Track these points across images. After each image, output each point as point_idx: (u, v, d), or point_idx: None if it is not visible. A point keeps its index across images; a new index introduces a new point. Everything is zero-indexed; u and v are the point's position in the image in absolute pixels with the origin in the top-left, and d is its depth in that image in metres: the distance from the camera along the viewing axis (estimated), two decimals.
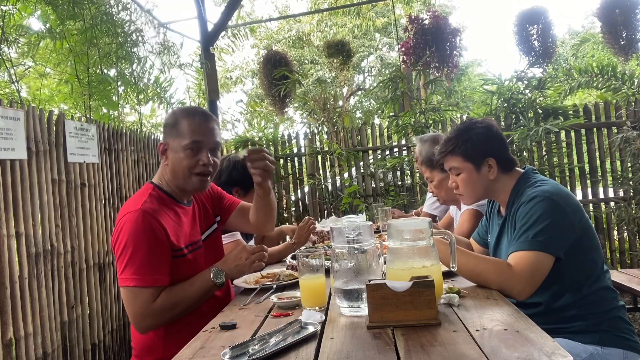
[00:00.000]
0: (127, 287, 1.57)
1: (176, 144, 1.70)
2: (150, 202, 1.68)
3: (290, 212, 5.56)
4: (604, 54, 12.86)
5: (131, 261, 1.57)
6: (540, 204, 1.57)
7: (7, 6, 3.63)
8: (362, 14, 11.09)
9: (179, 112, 1.77)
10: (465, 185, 1.80)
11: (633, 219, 4.74)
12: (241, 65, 13.98)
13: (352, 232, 1.42)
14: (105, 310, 3.30)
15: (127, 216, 1.62)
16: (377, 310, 1.24)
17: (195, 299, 1.65)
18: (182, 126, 1.70)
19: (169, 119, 1.76)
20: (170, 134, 1.73)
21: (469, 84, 18.84)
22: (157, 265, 1.60)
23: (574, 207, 1.61)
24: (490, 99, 5.02)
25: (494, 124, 1.81)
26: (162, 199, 1.74)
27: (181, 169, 1.71)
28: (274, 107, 6.25)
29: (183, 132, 1.70)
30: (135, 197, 1.74)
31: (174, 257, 1.67)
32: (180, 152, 1.70)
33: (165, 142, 1.74)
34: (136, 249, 1.57)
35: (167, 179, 1.76)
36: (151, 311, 1.57)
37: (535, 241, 1.53)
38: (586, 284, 1.61)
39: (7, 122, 2.47)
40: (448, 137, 1.84)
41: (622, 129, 4.74)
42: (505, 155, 1.77)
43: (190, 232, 1.79)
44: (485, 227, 1.99)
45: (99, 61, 4.10)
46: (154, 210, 1.64)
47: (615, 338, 1.58)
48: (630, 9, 5.21)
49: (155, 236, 1.60)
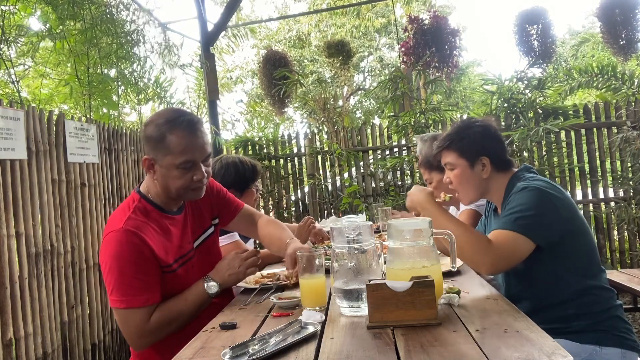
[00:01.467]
0: (118, 309, 1.54)
1: (166, 162, 1.58)
2: (135, 217, 1.59)
3: (290, 212, 5.56)
4: (604, 54, 12.86)
5: (118, 283, 1.52)
6: (530, 193, 1.60)
7: (7, 6, 3.63)
8: (362, 14, 11.09)
9: (163, 123, 1.59)
10: (458, 181, 1.82)
11: (633, 219, 4.74)
12: (241, 65, 13.99)
13: (352, 232, 1.42)
14: (105, 310, 3.30)
15: (110, 235, 1.55)
16: (377, 310, 1.24)
17: (191, 312, 1.61)
18: (170, 142, 1.56)
19: (153, 132, 1.59)
20: (156, 149, 1.59)
21: (469, 84, 18.84)
22: (146, 284, 1.54)
23: (564, 202, 1.62)
24: (490, 99, 5.02)
25: (492, 124, 1.83)
26: (148, 211, 1.65)
27: (175, 188, 1.62)
28: (274, 107, 6.25)
29: (172, 150, 1.57)
30: (119, 212, 1.66)
31: (163, 273, 1.61)
32: (172, 170, 1.59)
33: (151, 158, 1.61)
34: (122, 271, 1.52)
35: (155, 192, 1.67)
36: (147, 330, 1.54)
37: (517, 223, 1.55)
38: (580, 281, 1.61)
39: (7, 122, 2.47)
40: (447, 133, 1.87)
41: (622, 129, 4.74)
42: (501, 156, 1.78)
43: (179, 243, 1.71)
44: (484, 226, 2.00)
45: (99, 61, 4.10)
46: (137, 228, 1.56)
47: (614, 337, 1.58)
48: (630, 9, 5.22)
49: (141, 255, 1.54)
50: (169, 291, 1.62)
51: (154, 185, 1.66)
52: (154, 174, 1.64)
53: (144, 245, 1.55)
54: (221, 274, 1.66)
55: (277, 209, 5.53)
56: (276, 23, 13.98)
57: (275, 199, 5.52)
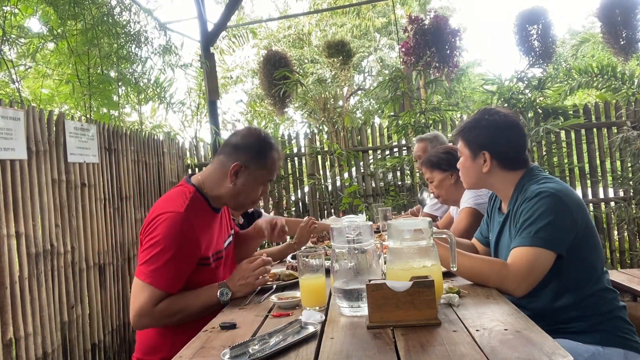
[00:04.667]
0: (140, 280, 1.59)
1: (257, 174, 1.73)
2: (192, 207, 1.66)
3: (290, 212, 5.56)
4: (604, 54, 12.86)
5: (155, 259, 1.58)
6: (545, 199, 1.56)
7: (8, 6, 3.63)
8: (362, 14, 11.09)
9: (265, 140, 1.76)
10: (461, 168, 1.86)
11: (633, 219, 4.74)
12: (241, 64, 13.99)
13: (352, 232, 1.42)
14: (105, 310, 3.30)
15: (169, 215, 1.60)
16: (377, 310, 1.24)
17: (197, 311, 1.64)
18: (269, 160, 1.74)
19: (253, 143, 1.74)
20: (252, 160, 1.72)
21: (469, 84, 18.83)
22: (176, 273, 1.60)
23: (578, 205, 1.60)
24: (491, 99, 5.02)
25: (508, 121, 1.77)
26: (201, 204, 1.72)
27: (249, 197, 1.76)
28: (274, 107, 6.25)
29: (269, 167, 1.74)
30: (175, 197, 1.70)
31: (198, 265, 1.68)
32: (257, 184, 1.74)
33: (243, 165, 1.71)
34: (164, 250, 1.57)
35: (218, 191, 1.75)
36: (150, 312, 1.58)
37: (537, 237, 1.52)
38: (587, 284, 1.60)
39: (7, 122, 2.47)
40: (467, 119, 1.90)
41: (622, 129, 4.74)
42: (507, 154, 1.75)
43: (217, 240, 1.80)
44: (487, 224, 1.98)
45: (100, 61, 4.10)
46: (194, 218, 1.63)
47: (616, 338, 1.57)
48: (630, 9, 5.22)
49: (186, 245, 1.61)
50: (194, 283, 1.66)
51: (223, 186, 1.74)
52: (235, 179, 1.72)
53: (193, 237, 1.62)
54: (233, 282, 1.69)
55: (277, 209, 5.53)
56: (276, 22, 13.97)
57: (275, 199, 5.52)
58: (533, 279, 1.53)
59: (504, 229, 1.76)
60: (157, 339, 1.70)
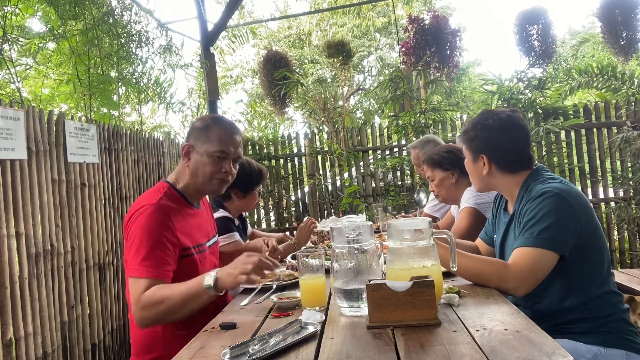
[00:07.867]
0: (132, 277, 1.62)
1: (203, 149, 1.78)
2: (166, 199, 1.74)
3: (290, 212, 5.56)
4: (604, 54, 12.85)
5: (139, 251, 1.61)
6: (549, 199, 1.55)
7: (9, 6, 3.63)
8: (362, 14, 11.10)
9: (210, 118, 1.86)
10: (467, 170, 1.88)
11: (633, 219, 4.74)
12: (241, 64, 13.99)
13: (352, 232, 1.42)
14: (105, 310, 3.30)
15: (144, 209, 1.67)
16: (377, 310, 1.24)
17: (182, 299, 1.54)
18: (212, 133, 1.78)
19: (199, 123, 1.84)
20: (198, 137, 1.79)
21: (469, 84, 18.84)
22: (160, 260, 1.61)
23: (583, 206, 1.59)
24: (491, 99, 5.02)
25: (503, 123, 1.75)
26: (175, 198, 1.79)
27: (203, 173, 1.78)
28: (274, 107, 6.25)
29: (212, 139, 1.78)
30: (150, 193, 1.79)
31: (182, 257, 1.70)
32: (205, 157, 1.78)
33: (190, 144, 1.80)
34: (146, 240, 1.61)
35: (183, 180, 1.82)
36: (139, 301, 1.55)
37: (539, 238, 1.52)
38: (593, 286, 1.59)
39: (7, 122, 2.47)
40: (471, 120, 1.89)
41: (622, 129, 4.74)
42: (506, 157, 1.74)
43: (198, 234, 1.84)
44: (492, 225, 1.98)
45: (100, 62, 4.10)
46: (169, 208, 1.70)
47: (618, 339, 1.57)
48: (630, 9, 5.21)
49: (166, 230, 1.65)
50: (182, 276, 1.64)
51: (184, 172, 1.81)
52: (188, 160, 1.80)
53: (170, 225, 1.67)
54: (224, 268, 1.62)
55: (277, 209, 5.54)
56: (276, 22, 13.97)
57: (275, 199, 5.52)
58: (534, 280, 1.52)
59: (510, 230, 1.76)
60: (149, 339, 1.70)
